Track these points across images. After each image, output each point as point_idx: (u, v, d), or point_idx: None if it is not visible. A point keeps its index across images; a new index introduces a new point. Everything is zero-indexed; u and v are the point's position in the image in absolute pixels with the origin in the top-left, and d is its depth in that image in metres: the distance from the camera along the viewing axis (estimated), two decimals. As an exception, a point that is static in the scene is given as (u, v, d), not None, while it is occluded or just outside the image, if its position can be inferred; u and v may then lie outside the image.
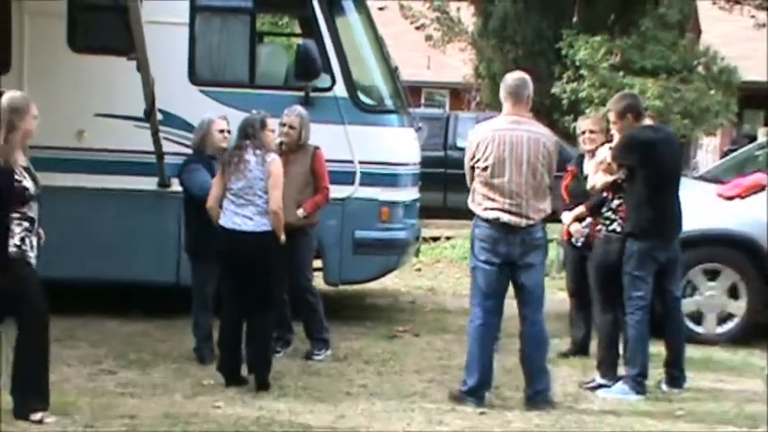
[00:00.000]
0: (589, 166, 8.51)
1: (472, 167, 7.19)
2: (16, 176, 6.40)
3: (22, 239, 6.43)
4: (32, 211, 6.53)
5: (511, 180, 7.05)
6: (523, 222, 7.08)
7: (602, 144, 8.16)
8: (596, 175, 7.86)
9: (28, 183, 6.47)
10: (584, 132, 8.66)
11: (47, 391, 6.61)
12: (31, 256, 6.56)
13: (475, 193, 7.21)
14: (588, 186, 8.07)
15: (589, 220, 8.26)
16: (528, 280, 7.20)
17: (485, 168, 7.08)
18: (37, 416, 6.45)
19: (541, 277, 7.36)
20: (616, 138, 7.77)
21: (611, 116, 7.80)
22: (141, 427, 6.51)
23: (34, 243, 6.57)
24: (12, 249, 6.39)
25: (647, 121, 7.96)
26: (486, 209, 7.12)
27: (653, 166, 7.53)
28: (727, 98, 18.93)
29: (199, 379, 7.63)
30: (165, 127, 9.16)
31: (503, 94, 7.31)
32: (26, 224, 6.45)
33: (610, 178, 7.70)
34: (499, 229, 7.09)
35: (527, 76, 7.40)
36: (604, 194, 7.81)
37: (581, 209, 8.29)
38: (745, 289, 9.50)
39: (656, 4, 23.10)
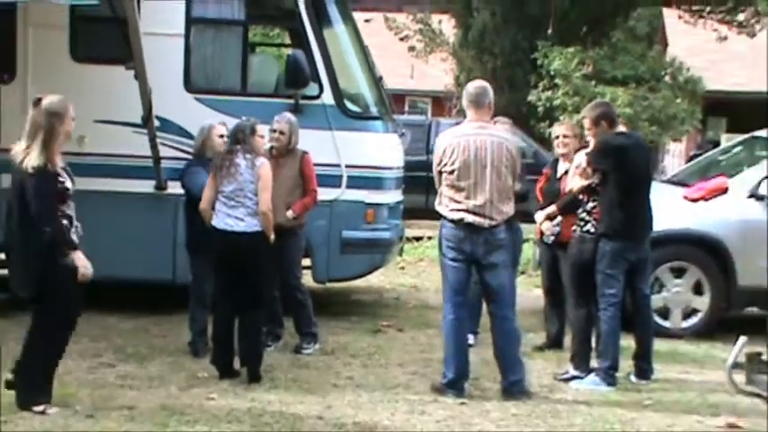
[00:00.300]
0: (562, 169, 8.53)
1: (440, 172, 7.21)
2: (59, 177, 6.41)
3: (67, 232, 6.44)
4: (70, 208, 6.54)
5: (476, 183, 7.06)
6: (486, 223, 7.09)
7: (579, 149, 8.16)
8: (573, 179, 7.87)
9: (68, 183, 6.50)
10: (558, 137, 8.69)
11: (52, 385, 6.60)
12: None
13: (442, 196, 7.23)
14: (567, 189, 8.07)
15: (560, 218, 8.26)
16: (492, 279, 7.21)
17: (451, 172, 7.10)
18: (40, 407, 6.41)
19: (506, 276, 7.35)
20: (591, 143, 7.79)
21: (587, 123, 7.82)
22: (139, 417, 6.49)
23: (75, 236, 6.58)
24: None
25: (621, 128, 7.97)
26: (452, 210, 7.14)
27: (625, 171, 7.54)
28: (693, 106, 18.96)
29: (194, 372, 7.61)
30: (162, 132, 9.15)
31: (465, 102, 7.34)
32: (66, 221, 6.46)
33: (585, 182, 7.71)
34: (464, 229, 7.10)
35: (487, 85, 7.44)
36: (580, 197, 7.81)
37: (552, 208, 8.29)
38: (708, 286, 9.53)
39: (625, 18, 23.22)
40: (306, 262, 9.12)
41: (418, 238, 15.26)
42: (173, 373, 7.61)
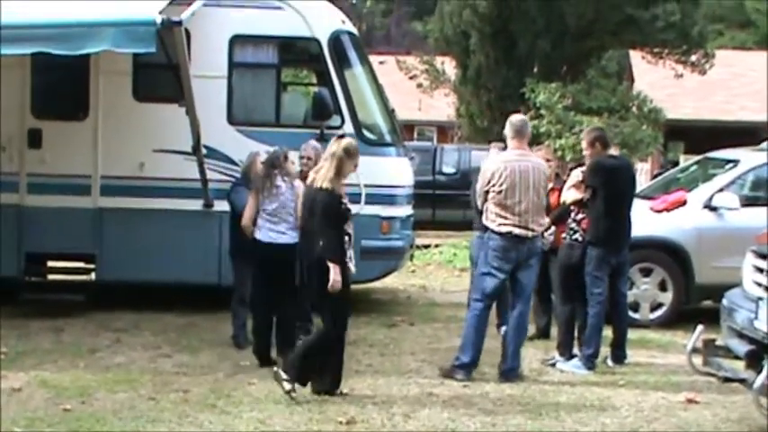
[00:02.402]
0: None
1: (486, 191, 7.15)
2: (343, 201, 6.52)
3: (344, 250, 6.50)
4: (350, 227, 6.63)
5: (520, 201, 7.04)
6: (529, 234, 7.10)
7: (575, 167, 8.12)
8: (568, 192, 7.83)
9: (350, 206, 6.62)
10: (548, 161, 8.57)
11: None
12: (351, 264, 6.62)
13: (488, 212, 7.17)
14: (561, 201, 8.01)
15: (552, 229, 8.18)
16: (525, 278, 7.22)
17: (499, 192, 7.06)
18: (288, 385, 6.40)
19: (535, 276, 7.34)
20: (587, 162, 7.77)
21: (584, 144, 7.83)
22: (193, 399, 6.49)
23: (351, 254, 6.63)
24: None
25: (613, 151, 7.96)
26: (500, 224, 7.10)
27: (611, 188, 7.53)
28: (656, 132, 18.91)
29: (237, 361, 7.59)
30: (209, 159, 9.12)
31: (509, 132, 7.30)
32: (346, 238, 6.54)
33: (579, 196, 7.68)
34: (510, 240, 7.07)
35: (526, 118, 7.46)
36: (571, 208, 7.77)
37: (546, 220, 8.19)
38: (671, 283, 9.47)
39: (598, 59, 23.25)
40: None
41: (426, 246, 15.21)
42: (220, 361, 7.59)
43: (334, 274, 6.37)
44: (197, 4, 8.57)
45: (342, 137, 6.72)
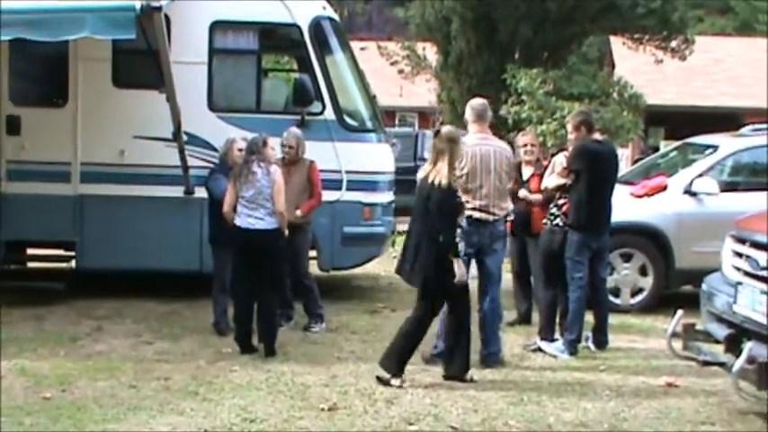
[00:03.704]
0: (528, 173, 8.47)
1: None
2: (458, 195, 6.63)
3: (456, 243, 6.55)
4: (462, 220, 6.71)
5: (482, 186, 7.05)
6: (491, 218, 7.11)
7: (558, 152, 8.10)
8: (550, 177, 7.81)
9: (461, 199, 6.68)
10: (526, 146, 8.59)
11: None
12: (462, 254, 6.64)
13: None
14: (542, 186, 8.00)
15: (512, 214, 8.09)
16: (492, 263, 7.22)
17: (461, 176, 7.05)
18: (397, 381, 6.53)
19: (501, 261, 7.33)
20: (570, 147, 7.75)
21: (569, 127, 7.79)
22: (174, 386, 6.47)
23: (462, 246, 6.68)
24: None
25: (597, 135, 7.94)
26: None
27: (594, 173, 7.52)
28: (636, 118, 18.97)
29: (219, 348, 7.57)
30: (190, 146, 9.06)
31: (470, 116, 7.28)
32: (458, 230, 6.58)
33: (561, 181, 7.66)
34: (472, 223, 7.07)
35: (486, 102, 7.41)
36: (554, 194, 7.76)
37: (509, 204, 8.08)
38: (651, 268, 9.50)
39: (579, 45, 23.28)
40: (312, 253, 9.07)
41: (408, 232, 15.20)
42: (201, 349, 7.56)
43: (458, 267, 6.47)
44: (177, -11, 8.50)
45: (438, 131, 6.71)
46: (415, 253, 6.60)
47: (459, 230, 6.60)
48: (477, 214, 7.07)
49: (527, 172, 8.47)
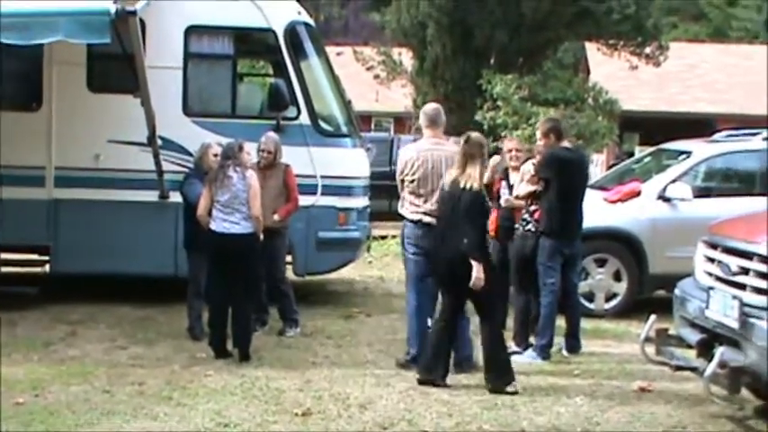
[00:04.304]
0: (515, 178, 8.49)
1: (402, 180, 7.21)
2: (486, 199, 6.76)
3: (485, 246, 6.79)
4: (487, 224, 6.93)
5: (433, 190, 7.06)
6: None
7: (526, 160, 8.14)
8: (521, 185, 7.86)
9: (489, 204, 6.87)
10: (511, 151, 8.57)
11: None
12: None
13: (404, 201, 7.22)
14: (514, 194, 8.05)
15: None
16: None
17: (412, 181, 7.10)
18: (511, 387, 6.62)
19: None
20: (538, 154, 7.78)
21: (538, 134, 7.83)
22: (148, 391, 6.44)
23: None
24: None
25: (566, 142, 7.97)
26: (412, 212, 7.16)
27: (564, 180, 7.56)
28: (611, 123, 19.10)
29: (193, 353, 7.55)
30: (164, 150, 9.04)
31: (423, 121, 7.33)
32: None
33: (532, 188, 7.70)
34: (422, 227, 7.10)
35: (440, 106, 7.43)
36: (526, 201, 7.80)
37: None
38: (625, 273, 9.56)
39: (554, 50, 23.41)
40: (288, 258, 9.06)
41: (383, 237, 15.21)
42: (176, 353, 7.54)
43: (477, 271, 6.52)
44: (152, -7, 8.48)
45: (469, 137, 6.78)
46: (451, 258, 6.68)
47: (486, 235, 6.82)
48: (426, 219, 7.08)
49: (514, 177, 8.48)
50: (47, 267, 9.64)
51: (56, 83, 9.31)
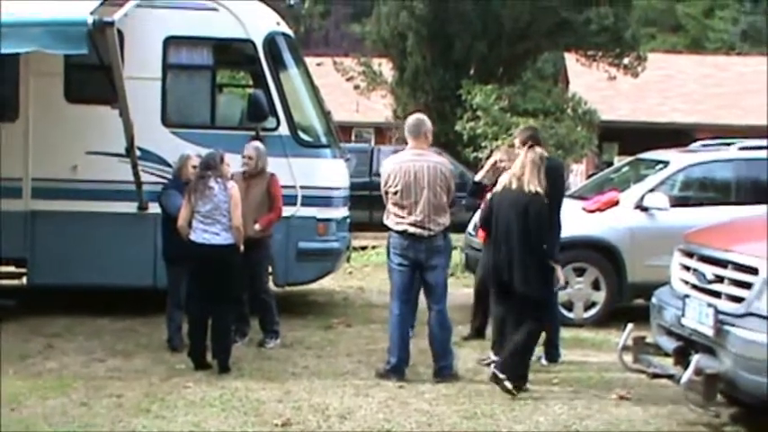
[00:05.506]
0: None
1: (386, 192, 7.22)
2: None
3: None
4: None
5: (416, 201, 7.08)
6: (426, 233, 7.12)
7: (507, 169, 8.13)
8: None
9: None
10: (495, 163, 8.57)
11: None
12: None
13: (388, 212, 7.24)
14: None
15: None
16: (432, 278, 7.23)
17: (395, 193, 7.12)
18: (510, 384, 6.78)
19: (443, 275, 7.37)
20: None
21: (517, 143, 7.84)
22: (126, 404, 6.41)
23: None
24: None
25: (544, 153, 7.96)
26: (397, 223, 7.17)
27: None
28: (590, 133, 19.18)
29: (172, 364, 7.52)
30: (143, 161, 9.03)
31: (406, 132, 7.37)
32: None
33: None
34: (407, 238, 7.12)
35: (424, 116, 7.47)
36: None
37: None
38: (604, 282, 9.59)
39: (534, 61, 23.52)
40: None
41: (363, 248, 15.24)
42: (154, 365, 7.51)
43: (559, 272, 7.04)
44: (130, 4, 8.49)
45: (532, 146, 7.01)
46: (525, 265, 6.81)
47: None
48: (411, 229, 7.11)
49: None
50: (24, 279, 9.59)
51: (33, 94, 9.29)
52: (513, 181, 6.95)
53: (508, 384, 6.71)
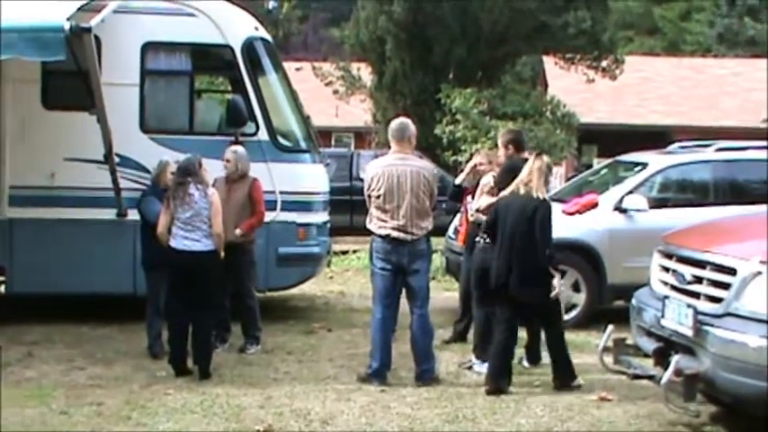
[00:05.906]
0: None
1: (369, 195, 7.22)
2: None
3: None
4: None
5: (399, 206, 7.09)
6: (408, 237, 7.13)
7: (486, 173, 8.16)
8: (481, 198, 7.89)
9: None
10: (481, 164, 8.56)
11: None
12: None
13: (371, 216, 7.24)
14: (474, 207, 8.07)
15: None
16: (415, 282, 7.24)
17: (378, 197, 7.12)
18: (576, 382, 7.18)
19: (426, 279, 7.39)
20: (498, 166, 7.83)
21: (499, 146, 7.89)
22: (107, 411, 6.37)
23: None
24: None
25: (526, 155, 8.00)
26: (380, 227, 7.17)
27: None
28: (569, 136, 19.27)
29: (153, 371, 7.49)
30: (121, 168, 8.98)
31: (389, 135, 7.39)
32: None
33: (492, 200, 7.73)
34: (390, 242, 7.12)
35: (407, 121, 7.48)
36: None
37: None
38: (584, 284, 9.61)
39: (513, 64, 23.60)
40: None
41: (344, 252, 15.24)
42: (135, 373, 7.48)
43: (557, 280, 7.09)
44: (107, 10, 8.45)
45: (540, 153, 7.20)
46: (524, 269, 6.96)
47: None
48: (394, 234, 7.12)
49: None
50: (2, 288, 9.53)
51: (9, 100, 9.22)
52: (521, 187, 7.04)
53: (576, 383, 7.14)
